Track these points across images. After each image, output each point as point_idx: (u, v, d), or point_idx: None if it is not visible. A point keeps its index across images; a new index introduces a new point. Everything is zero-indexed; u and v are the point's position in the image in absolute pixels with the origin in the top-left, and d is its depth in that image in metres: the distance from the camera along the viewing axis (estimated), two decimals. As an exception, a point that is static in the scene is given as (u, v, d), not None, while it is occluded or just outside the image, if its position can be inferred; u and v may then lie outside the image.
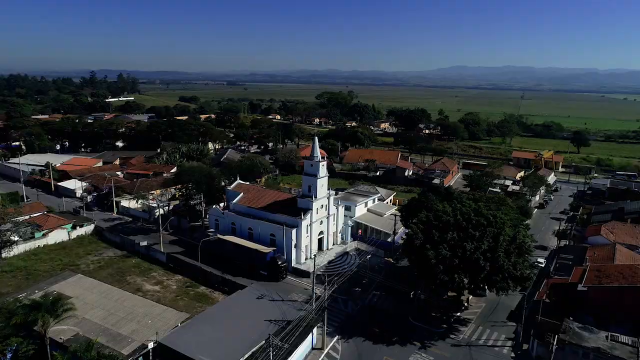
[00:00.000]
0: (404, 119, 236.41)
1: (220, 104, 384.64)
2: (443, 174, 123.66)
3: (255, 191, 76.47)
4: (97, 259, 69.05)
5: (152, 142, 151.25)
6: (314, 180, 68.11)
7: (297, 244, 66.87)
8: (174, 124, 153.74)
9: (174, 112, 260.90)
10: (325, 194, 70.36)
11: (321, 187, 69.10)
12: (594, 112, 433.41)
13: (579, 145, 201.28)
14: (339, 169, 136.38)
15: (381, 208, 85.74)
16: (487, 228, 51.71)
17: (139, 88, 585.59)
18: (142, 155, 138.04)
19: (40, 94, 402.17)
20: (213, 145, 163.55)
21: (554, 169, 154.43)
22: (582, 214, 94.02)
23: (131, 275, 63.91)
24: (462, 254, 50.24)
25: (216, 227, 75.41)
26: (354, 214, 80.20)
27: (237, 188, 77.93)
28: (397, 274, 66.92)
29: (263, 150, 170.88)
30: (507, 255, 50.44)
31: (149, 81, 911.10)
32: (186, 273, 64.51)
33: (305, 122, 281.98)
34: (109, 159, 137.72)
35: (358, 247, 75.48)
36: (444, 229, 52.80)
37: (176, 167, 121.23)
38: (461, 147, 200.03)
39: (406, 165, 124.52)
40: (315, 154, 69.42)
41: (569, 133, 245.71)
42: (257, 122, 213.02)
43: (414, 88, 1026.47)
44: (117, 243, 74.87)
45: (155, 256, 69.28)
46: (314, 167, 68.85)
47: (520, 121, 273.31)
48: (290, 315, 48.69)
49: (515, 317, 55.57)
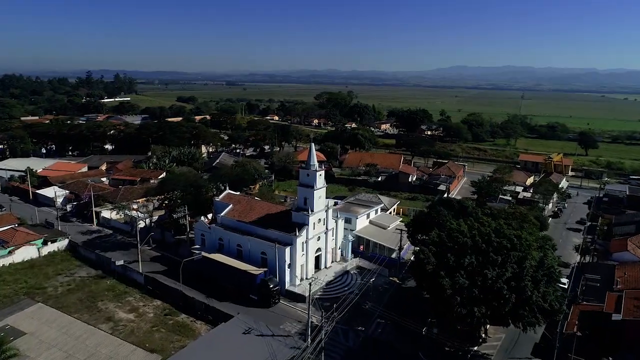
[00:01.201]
0: (405, 120, 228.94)
1: (219, 104, 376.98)
2: (449, 179, 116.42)
3: (246, 202, 69.05)
4: (67, 280, 61.63)
5: (142, 146, 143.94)
6: (311, 192, 60.79)
7: (292, 263, 59.55)
8: (164, 126, 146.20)
9: (169, 113, 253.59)
10: (323, 207, 63.06)
11: (318, 200, 61.79)
12: (595, 112, 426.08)
13: (586, 147, 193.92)
14: (338, 173, 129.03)
15: (385, 220, 78.38)
16: (510, 252, 44.35)
17: (136, 88, 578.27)
18: (130, 160, 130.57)
19: (35, 95, 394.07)
20: (206, 149, 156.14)
21: (564, 173, 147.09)
22: (602, 224, 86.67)
23: (103, 300, 56.52)
24: (483, 282, 42.95)
25: (202, 243, 68.06)
26: (355, 227, 72.89)
27: (226, 199, 70.55)
28: (403, 296, 59.66)
29: (259, 153, 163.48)
30: (534, 283, 43.11)
31: (147, 81, 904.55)
32: (166, 297, 57.13)
33: (303, 123, 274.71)
34: (95, 163, 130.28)
35: (360, 264, 68.14)
36: (460, 252, 45.45)
37: (165, 172, 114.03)
38: (465, 149, 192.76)
39: (410, 170, 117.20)
40: (312, 162, 62.00)
41: (575, 134, 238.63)
42: (253, 123, 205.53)
43: (414, 88, 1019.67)
44: (92, 261, 67.48)
45: (132, 277, 61.89)
46: (310, 177, 61.52)
47: (524, 122, 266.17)
48: (281, 355, 41.46)
49: (541, 351, 48.33)
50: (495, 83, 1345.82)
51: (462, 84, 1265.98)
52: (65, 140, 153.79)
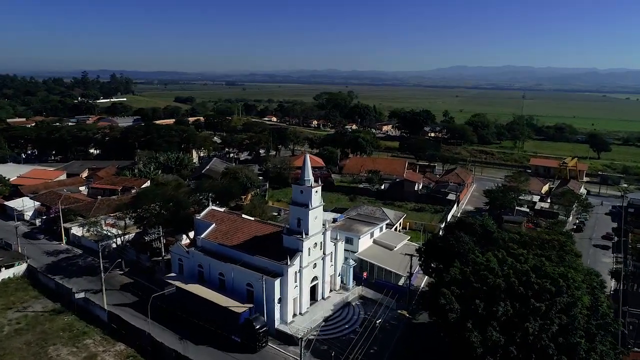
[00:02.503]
0: (408, 122, 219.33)
1: (217, 104, 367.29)
2: (458, 187, 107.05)
3: (231, 222, 59.55)
4: (18, 316, 52.21)
5: (129, 150, 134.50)
6: (305, 212, 51.41)
7: (283, 297, 50.22)
8: (152, 129, 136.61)
9: (162, 115, 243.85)
10: (319, 229, 53.64)
11: (314, 221, 52.38)
12: (598, 112, 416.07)
13: (598, 150, 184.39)
14: (338, 181, 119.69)
15: (391, 238, 68.92)
16: (555, 297, 35.00)
17: (133, 88, 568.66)
18: (114, 166, 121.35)
19: (29, 95, 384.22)
20: (197, 153, 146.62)
21: (578, 179, 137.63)
22: (634, 241, 77.31)
23: (56, 344, 47.14)
24: (522, 338, 33.62)
25: (180, 269, 58.63)
26: (357, 249, 63.53)
27: (208, 217, 61.09)
28: (415, 336, 50.28)
29: (254, 157, 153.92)
30: (589, 339, 33.76)
31: (147, 81, 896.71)
32: (132, 340, 47.71)
33: (302, 124, 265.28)
34: (76, 170, 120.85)
35: (363, 294, 58.76)
36: (492, 297, 36.11)
37: (149, 180, 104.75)
38: (471, 152, 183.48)
39: (415, 177, 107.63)
40: (307, 177, 52.51)
41: (583, 136, 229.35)
42: (249, 125, 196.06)
43: (414, 88, 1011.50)
44: (52, 290, 58.12)
45: (95, 312, 52.51)
46: (304, 194, 52.12)
47: (530, 123, 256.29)
48: None
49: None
50: (495, 83, 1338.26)
51: (462, 83, 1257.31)
52: (47, 144, 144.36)
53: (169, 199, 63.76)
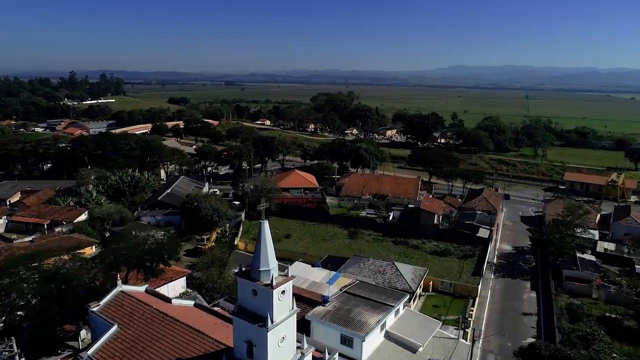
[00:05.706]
0: (415, 126, 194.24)
1: (212, 105, 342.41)
2: (489, 217, 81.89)
3: (144, 324, 34.69)
4: None
5: (77, 166, 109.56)
6: (260, 332, 26.78)
7: None
8: (105, 140, 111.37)
9: (140, 119, 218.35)
10: (290, 357, 29.01)
11: (277, 349, 27.72)
12: (606, 113, 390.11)
13: (635, 159, 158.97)
14: (334, 207, 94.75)
15: (413, 329, 43.82)
16: None
17: (124, 89, 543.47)
18: (53, 188, 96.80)
19: (11, 96, 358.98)
20: (165, 170, 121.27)
21: (625, 199, 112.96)
22: None
23: None
24: None
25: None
26: (360, 355, 38.84)
27: (111, 309, 36.37)
28: None
29: (236, 171, 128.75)
30: None
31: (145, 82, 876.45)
32: None
33: (298, 128, 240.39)
34: (5, 193, 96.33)
35: None
36: None
37: (86, 211, 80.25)
38: (489, 163, 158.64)
39: (434, 206, 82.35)
40: (264, 265, 27.79)
41: (610, 141, 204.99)
42: (234, 131, 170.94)
43: (415, 88, 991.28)
44: None
45: None
46: (259, 297, 27.41)
47: (548, 126, 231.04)
48: None
49: None
50: (495, 83, 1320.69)
51: (463, 83, 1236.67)
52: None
53: (51, 276, 38.60)
